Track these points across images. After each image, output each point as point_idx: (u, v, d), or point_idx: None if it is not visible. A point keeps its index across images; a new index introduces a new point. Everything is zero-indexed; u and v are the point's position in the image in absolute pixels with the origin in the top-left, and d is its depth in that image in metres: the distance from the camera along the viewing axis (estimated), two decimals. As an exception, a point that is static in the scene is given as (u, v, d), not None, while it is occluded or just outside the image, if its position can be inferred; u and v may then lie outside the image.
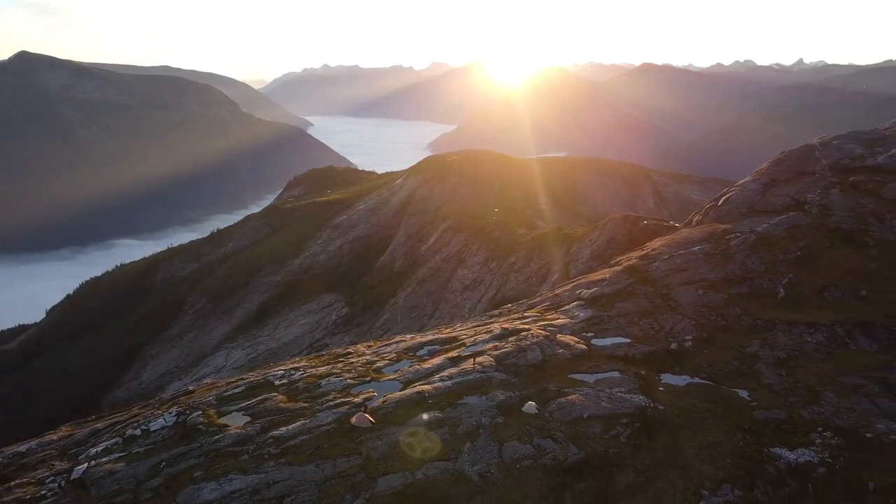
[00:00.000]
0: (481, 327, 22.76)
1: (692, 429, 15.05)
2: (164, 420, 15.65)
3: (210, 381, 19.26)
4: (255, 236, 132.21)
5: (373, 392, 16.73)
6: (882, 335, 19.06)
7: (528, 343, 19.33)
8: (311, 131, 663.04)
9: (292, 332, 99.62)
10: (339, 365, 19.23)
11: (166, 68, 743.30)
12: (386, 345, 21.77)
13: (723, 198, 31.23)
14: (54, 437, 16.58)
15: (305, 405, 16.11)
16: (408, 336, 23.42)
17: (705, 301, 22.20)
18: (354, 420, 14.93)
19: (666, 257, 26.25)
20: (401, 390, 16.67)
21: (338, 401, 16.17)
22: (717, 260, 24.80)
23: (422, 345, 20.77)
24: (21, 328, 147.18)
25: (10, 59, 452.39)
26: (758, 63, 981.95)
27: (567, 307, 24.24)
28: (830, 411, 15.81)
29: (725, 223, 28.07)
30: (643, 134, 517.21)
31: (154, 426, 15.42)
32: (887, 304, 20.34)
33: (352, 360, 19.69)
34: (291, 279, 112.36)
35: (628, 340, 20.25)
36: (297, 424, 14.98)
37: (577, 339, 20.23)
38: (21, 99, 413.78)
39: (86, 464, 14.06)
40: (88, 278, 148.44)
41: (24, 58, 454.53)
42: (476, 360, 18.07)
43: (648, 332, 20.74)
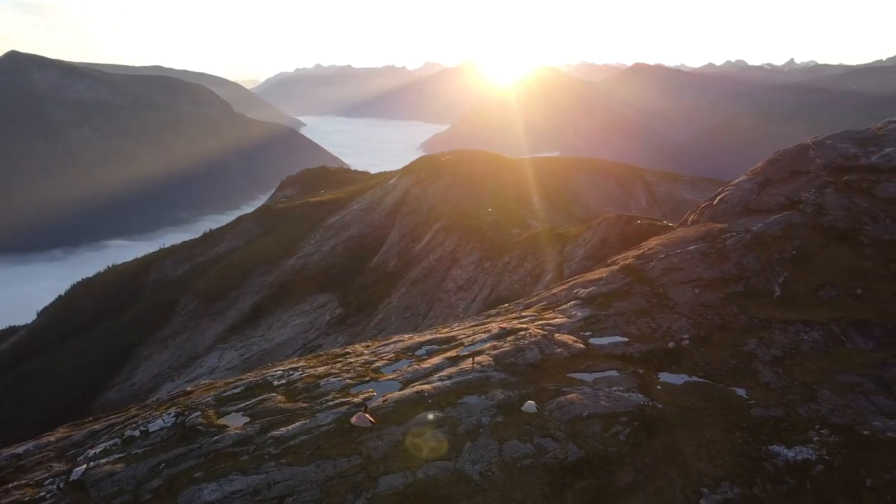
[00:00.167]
0: (479, 327, 22.77)
1: (691, 427, 15.13)
2: (163, 421, 15.57)
3: (208, 382, 19.18)
4: (248, 237, 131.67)
5: (372, 392, 16.71)
6: (877, 333, 19.19)
7: (527, 342, 19.36)
8: (304, 131, 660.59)
9: (286, 333, 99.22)
10: (338, 365, 19.20)
11: (158, 68, 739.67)
12: (384, 345, 21.75)
13: (718, 197, 31.34)
14: (51, 439, 16.48)
15: (305, 405, 16.08)
16: (406, 336, 23.40)
17: (702, 300, 22.29)
18: (354, 420, 14.92)
19: (662, 256, 26.33)
20: (400, 390, 16.67)
21: (337, 401, 16.15)
22: (713, 259, 24.90)
23: (420, 344, 20.76)
24: (12, 329, 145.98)
25: (0, 59, 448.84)
26: (749, 63, 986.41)
27: (564, 306, 24.28)
28: (827, 409, 15.93)
29: (721, 222, 28.18)
30: (635, 134, 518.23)
31: (153, 427, 15.35)
32: (882, 303, 20.48)
33: (350, 360, 19.66)
34: (284, 279, 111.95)
35: (626, 339, 20.31)
36: (297, 425, 14.95)
37: (575, 339, 20.27)
38: (11, 99, 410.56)
39: (85, 465, 13.99)
40: (80, 279, 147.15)
41: (14, 57, 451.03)
42: (475, 360, 18.07)
43: (646, 331, 20.80)
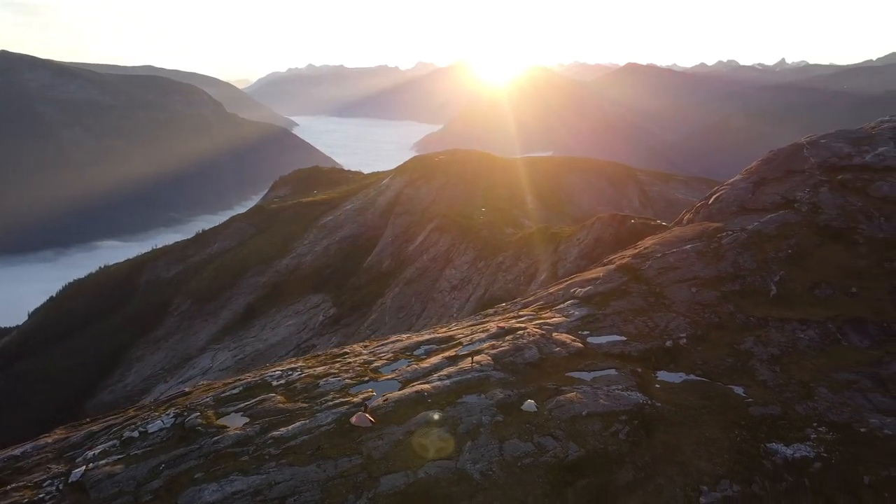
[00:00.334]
0: (477, 326, 22.80)
1: (690, 425, 15.21)
2: (162, 422, 15.51)
3: (206, 383, 19.12)
4: (241, 237, 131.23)
5: (372, 392, 16.70)
6: (873, 331, 19.35)
7: (525, 342, 19.40)
8: (297, 131, 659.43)
9: (279, 333, 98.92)
10: (337, 365, 19.19)
11: (149, 68, 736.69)
12: (382, 344, 21.75)
13: (713, 196, 31.49)
14: (49, 440, 16.38)
15: (304, 405, 16.05)
16: (404, 336, 23.40)
17: (699, 299, 22.40)
18: (354, 420, 14.90)
19: (659, 255, 26.44)
20: (400, 390, 16.66)
21: (337, 401, 16.13)
22: (710, 258, 25.02)
23: (418, 344, 20.77)
24: (3, 331, 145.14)
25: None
26: (741, 63, 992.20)
27: (562, 306, 24.34)
28: (824, 407, 16.05)
29: (716, 221, 28.32)
30: (628, 133, 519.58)
31: (152, 428, 15.29)
32: (877, 301, 20.65)
33: (349, 360, 19.65)
34: (278, 280, 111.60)
35: (624, 338, 20.39)
36: (297, 425, 14.93)
37: (573, 338, 20.33)
38: (1, 99, 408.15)
39: (84, 466, 13.91)
40: (72, 280, 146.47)
41: (5, 57, 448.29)
42: (474, 359, 18.09)
43: (643, 330, 20.89)
